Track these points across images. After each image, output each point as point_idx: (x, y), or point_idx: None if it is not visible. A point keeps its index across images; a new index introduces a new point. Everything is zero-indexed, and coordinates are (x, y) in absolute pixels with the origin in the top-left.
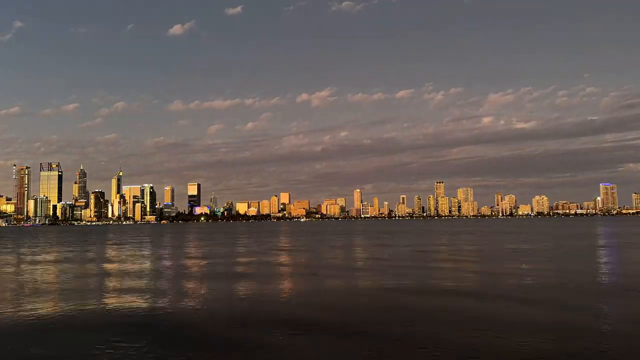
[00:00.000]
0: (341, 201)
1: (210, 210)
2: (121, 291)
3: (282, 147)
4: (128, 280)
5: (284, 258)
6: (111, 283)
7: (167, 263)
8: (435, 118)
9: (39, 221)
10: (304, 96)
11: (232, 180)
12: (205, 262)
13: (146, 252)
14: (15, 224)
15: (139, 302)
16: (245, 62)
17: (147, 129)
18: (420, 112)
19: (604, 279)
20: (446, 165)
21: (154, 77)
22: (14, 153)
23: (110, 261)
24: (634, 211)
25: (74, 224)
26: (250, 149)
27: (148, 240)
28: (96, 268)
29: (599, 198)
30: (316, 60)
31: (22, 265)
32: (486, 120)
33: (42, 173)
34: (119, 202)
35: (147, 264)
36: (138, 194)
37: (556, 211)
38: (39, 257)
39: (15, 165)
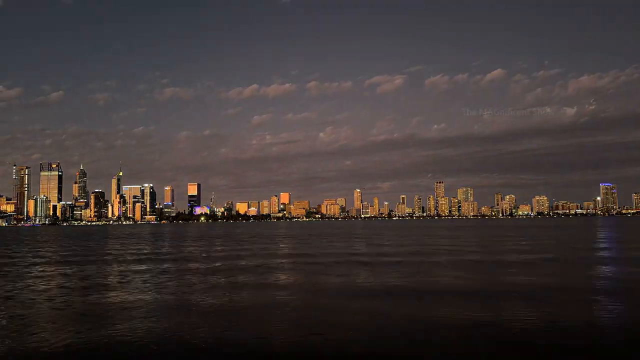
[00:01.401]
0: (341, 201)
1: (210, 210)
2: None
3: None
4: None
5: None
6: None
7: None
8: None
9: (39, 221)
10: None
11: (232, 180)
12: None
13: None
14: (15, 224)
15: None
16: None
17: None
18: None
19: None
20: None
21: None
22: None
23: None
24: (634, 211)
25: (74, 224)
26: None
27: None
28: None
29: (598, 198)
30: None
31: None
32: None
33: (42, 173)
34: (119, 202)
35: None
36: (138, 194)
37: (556, 211)
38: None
39: (15, 165)
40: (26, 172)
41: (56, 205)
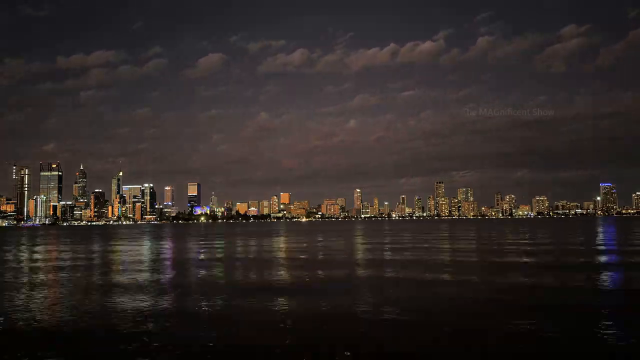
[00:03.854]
0: (341, 201)
1: (210, 210)
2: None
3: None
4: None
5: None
6: None
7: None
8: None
9: (39, 221)
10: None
11: (233, 180)
12: None
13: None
14: (15, 224)
15: None
16: None
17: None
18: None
19: None
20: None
21: None
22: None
23: None
24: (634, 211)
25: (73, 224)
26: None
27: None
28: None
29: (598, 198)
30: None
31: None
32: None
33: (42, 173)
34: (119, 202)
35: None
36: (138, 194)
37: (556, 211)
38: None
39: (15, 165)
40: (26, 172)
41: (56, 205)
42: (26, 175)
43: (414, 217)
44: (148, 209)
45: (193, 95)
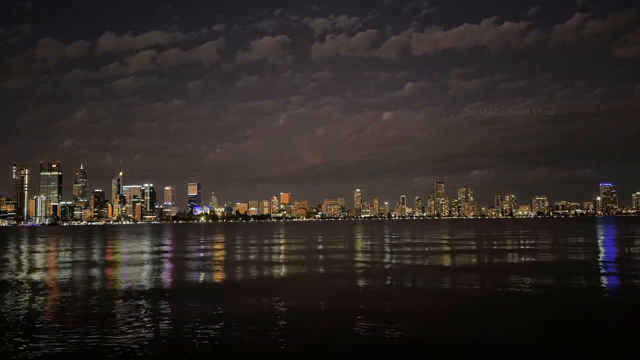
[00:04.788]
0: (341, 201)
1: (210, 210)
2: None
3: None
4: None
5: None
6: None
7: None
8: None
9: (39, 221)
10: None
11: (233, 179)
12: None
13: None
14: (15, 224)
15: None
16: None
17: None
18: None
19: None
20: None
21: None
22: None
23: None
24: (634, 211)
25: (73, 224)
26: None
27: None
28: None
29: (598, 198)
30: None
31: None
32: None
33: (42, 173)
34: (119, 202)
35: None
36: (138, 194)
37: (556, 211)
38: None
39: (15, 165)
40: (26, 172)
41: (56, 205)
42: (26, 175)
43: (414, 217)
44: (148, 209)
45: (233, 85)
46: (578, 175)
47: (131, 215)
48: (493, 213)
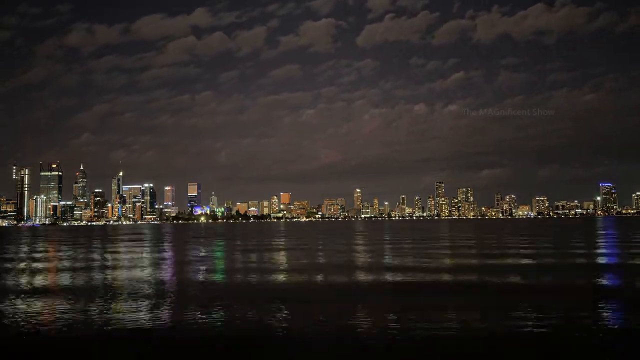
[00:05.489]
0: (341, 201)
1: (210, 210)
2: None
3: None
4: None
5: None
6: None
7: None
8: None
9: (39, 221)
10: None
11: (233, 179)
12: None
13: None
14: (15, 224)
15: None
16: None
17: None
18: None
19: None
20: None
21: None
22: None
23: None
24: (634, 211)
25: (73, 224)
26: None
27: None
28: None
29: (598, 198)
30: None
31: None
32: None
33: (42, 173)
34: (119, 202)
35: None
36: (138, 194)
37: (556, 211)
38: None
39: (15, 165)
40: (26, 172)
41: (56, 205)
42: (26, 175)
43: (414, 217)
44: (148, 209)
45: (268, 75)
46: (578, 175)
47: (131, 215)
48: (493, 213)
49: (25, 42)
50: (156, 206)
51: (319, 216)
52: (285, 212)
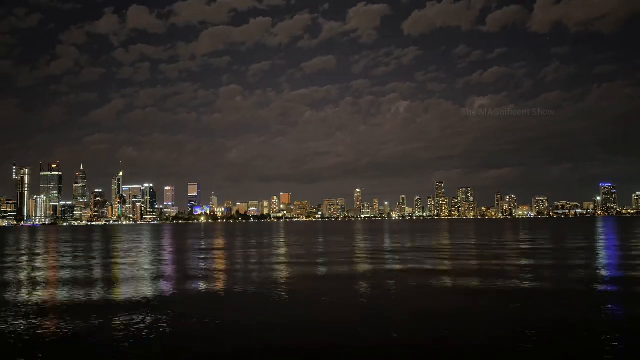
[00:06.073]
0: (341, 201)
1: (210, 210)
2: None
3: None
4: None
5: None
6: None
7: None
8: None
9: (39, 221)
10: None
11: (232, 179)
12: None
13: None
14: (15, 224)
15: None
16: None
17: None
18: None
19: None
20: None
21: None
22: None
23: None
24: (634, 211)
25: (73, 224)
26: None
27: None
28: None
29: (598, 198)
30: None
31: None
32: None
33: (42, 173)
34: (119, 203)
35: None
36: (138, 194)
37: (556, 211)
38: None
39: (15, 165)
40: (26, 172)
41: (56, 205)
42: (26, 175)
43: (414, 217)
44: (148, 209)
45: (299, 67)
46: (578, 175)
47: (131, 215)
48: (493, 213)
49: (55, 29)
50: (156, 206)
51: (319, 216)
52: (285, 212)
